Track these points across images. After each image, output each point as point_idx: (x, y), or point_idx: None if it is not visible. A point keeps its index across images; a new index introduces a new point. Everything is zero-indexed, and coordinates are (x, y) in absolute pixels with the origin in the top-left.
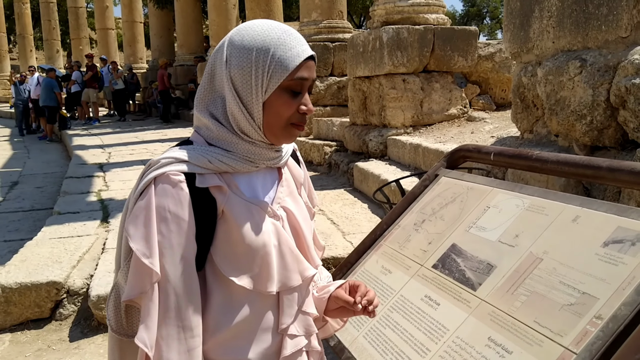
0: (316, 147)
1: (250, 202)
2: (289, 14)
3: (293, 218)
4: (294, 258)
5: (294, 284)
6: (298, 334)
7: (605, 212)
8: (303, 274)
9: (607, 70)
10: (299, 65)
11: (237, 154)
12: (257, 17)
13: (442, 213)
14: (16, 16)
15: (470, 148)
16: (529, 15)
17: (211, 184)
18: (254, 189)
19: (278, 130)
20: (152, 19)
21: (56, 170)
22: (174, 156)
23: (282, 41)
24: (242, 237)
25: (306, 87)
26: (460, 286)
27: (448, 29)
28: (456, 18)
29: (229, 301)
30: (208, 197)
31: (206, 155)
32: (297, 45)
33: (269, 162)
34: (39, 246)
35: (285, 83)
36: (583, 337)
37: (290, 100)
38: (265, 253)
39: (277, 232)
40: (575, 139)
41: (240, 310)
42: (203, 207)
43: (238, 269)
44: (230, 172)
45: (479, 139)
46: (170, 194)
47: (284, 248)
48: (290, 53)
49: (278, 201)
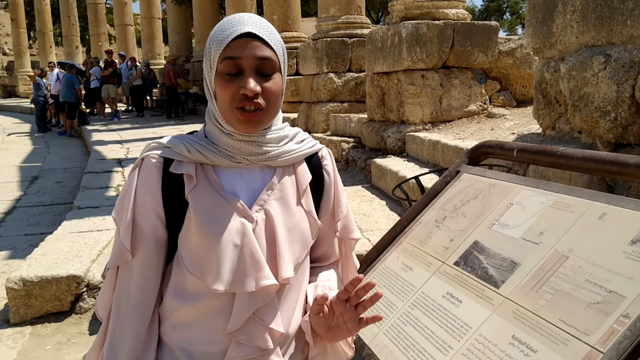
0: (333, 143)
1: (222, 196)
2: (307, 10)
3: (272, 223)
4: (254, 263)
5: (247, 289)
6: (246, 344)
7: (633, 209)
8: (259, 281)
9: (632, 65)
10: (230, 44)
11: (219, 148)
12: (275, 13)
13: (463, 210)
14: (36, 12)
15: (492, 144)
16: (552, 10)
17: (183, 171)
18: (235, 186)
19: (227, 115)
20: (170, 15)
21: (76, 165)
22: (160, 141)
23: (222, 26)
24: (200, 229)
25: (249, 68)
26: (482, 283)
27: (468, 24)
28: (476, 13)
29: (184, 288)
30: (182, 184)
31: (186, 144)
32: (230, 27)
33: (254, 159)
34: (59, 240)
35: (220, 65)
36: (610, 336)
37: (225, 83)
38: (219, 249)
39: (243, 233)
40: (599, 136)
41: (193, 299)
42: (176, 193)
43: (192, 258)
44: (209, 164)
45: (499, 135)
46: (145, 174)
47: (245, 250)
48: (222, 35)
49: (259, 202)
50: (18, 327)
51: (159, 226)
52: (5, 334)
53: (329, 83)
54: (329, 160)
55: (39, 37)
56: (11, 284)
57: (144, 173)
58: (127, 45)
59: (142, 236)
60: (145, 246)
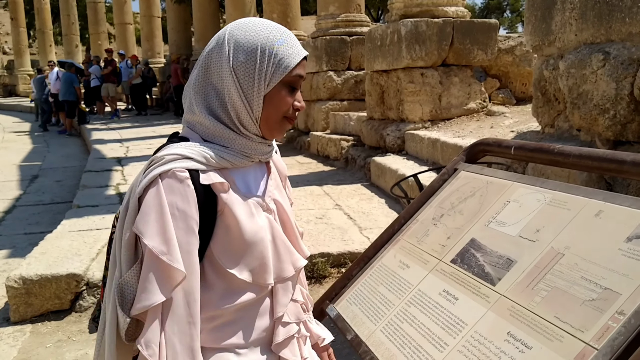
0: (333, 141)
1: (247, 197)
2: (307, 8)
3: (282, 210)
4: (287, 250)
5: (288, 274)
6: (290, 321)
7: (629, 206)
8: (295, 264)
9: (631, 63)
10: (298, 63)
11: (233, 149)
12: (275, 11)
13: (461, 207)
14: (36, 11)
15: (490, 142)
16: (551, 7)
17: (214, 180)
18: (248, 184)
19: (274, 123)
20: (170, 13)
21: (75, 164)
22: (177, 152)
23: (284, 39)
24: (242, 233)
25: (300, 85)
26: (479, 281)
27: (467, 22)
28: (476, 11)
29: (229, 293)
30: (210, 193)
31: (208, 152)
32: (296, 45)
33: (262, 157)
34: (58, 239)
35: (286, 79)
36: (604, 332)
37: (288, 95)
38: (263, 247)
39: (271, 226)
40: (597, 134)
41: (239, 302)
42: (205, 202)
43: (238, 262)
44: (229, 167)
45: (499, 133)
46: (177, 190)
47: (277, 241)
48: (292, 51)
49: (269, 195)
50: (18, 326)
51: (197, 241)
52: (6, 332)
53: (329, 81)
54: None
55: (38, 36)
56: (11, 283)
57: (176, 189)
58: (126, 44)
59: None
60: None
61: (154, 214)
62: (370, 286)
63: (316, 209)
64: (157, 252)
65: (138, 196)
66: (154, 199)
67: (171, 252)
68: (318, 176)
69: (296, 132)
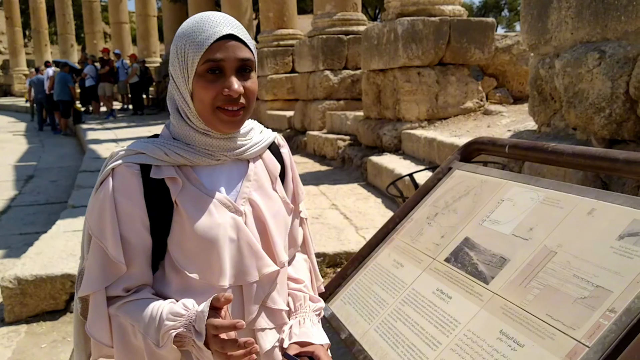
0: (329, 141)
1: (208, 195)
2: (303, 7)
3: (260, 213)
4: (253, 253)
5: (250, 279)
6: (268, 327)
7: (621, 204)
8: (261, 270)
9: (626, 62)
10: (211, 46)
11: (195, 147)
12: (270, 10)
13: (455, 206)
14: (31, 11)
15: (484, 141)
16: (547, 6)
17: (165, 175)
18: (216, 183)
19: (207, 115)
20: (166, 12)
21: (70, 164)
22: (132, 148)
23: (197, 27)
24: (194, 230)
25: (230, 69)
26: (472, 279)
27: (464, 20)
28: (473, 10)
29: (184, 292)
30: (164, 188)
31: (163, 148)
32: (209, 29)
33: (231, 154)
34: (53, 239)
35: (200, 67)
36: (596, 330)
37: (207, 84)
38: (217, 246)
39: (236, 227)
40: (593, 132)
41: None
42: (158, 198)
43: (190, 260)
44: (189, 164)
45: (495, 132)
46: (124, 183)
47: (241, 243)
48: (201, 37)
49: (243, 195)
50: (13, 326)
51: (146, 235)
52: (1, 332)
53: (325, 81)
54: (286, 146)
55: (34, 35)
56: (6, 283)
57: (121, 183)
58: (122, 43)
59: (131, 248)
60: (137, 259)
61: (97, 206)
62: (364, 285)
63: (312, 209)
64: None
65: (95, 190)
66: (104, 193)
67: (110, 243)
68: (314, 176)
69: (293, 131)
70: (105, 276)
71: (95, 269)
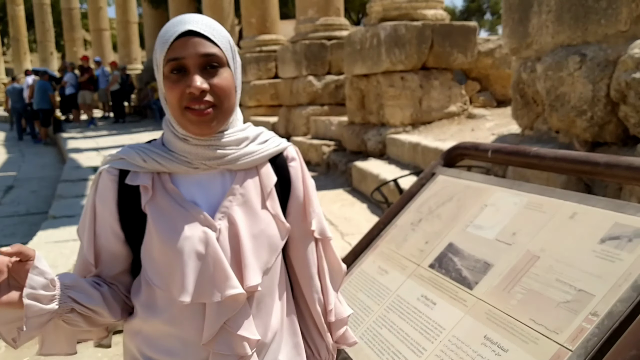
0: (314, 146)
1: (181, 205)
2: (286, 12)
3: (236, 230)
4: (219, 273)
5: (213, 299)
6: (225, 353)
7: (602, 208)
8: (224, 290)
9: (607, 64)
10: (172, 45)
11: (175, 154)
12: (253, 16)
13: (439, 212)
14: (10, 19)
15: (467, 145)
16: (527, 10)
17: (139, 182)
18: (195, 194)
19: (178, 117)
20: (147, 19)
21: (51, 174)
22: (118, 153)
23: (164, 29)
24: (160, 240)
25: (193, 66)
26: (456, 285)
27: (447, 25)
28: (456, 14)
29: (153, 300)
30: (138, 196)
31: (141, 154)
32: (172, 28)
33: (211, 163)
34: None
35: (165, 68)
36: (579, 334)
37: (171, 84)
38: (183, 261)
39: (206, 242)
40: (576, 135)
41: (162, 311)
42: (133, 205)
43: (156, 270)
44: (166, 172)
45: (480, 136)
46: (101, 189)
47: (209, 259)
48: (164, 38)
49: (222, 209)
50: None
51: (115, 242)
52: None
53: (309, 86)
54: (296, 159)
55: (13, 43)
56: None
57: (101, 187)
58: (102, 50)
59: (102, 251)
60: (106, 262)
61: (85, 208)
62: (349, 293)
63: None
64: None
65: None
66: (90, 194)
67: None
68: None
69: None
70: (79, 270)
71: (78, 261)
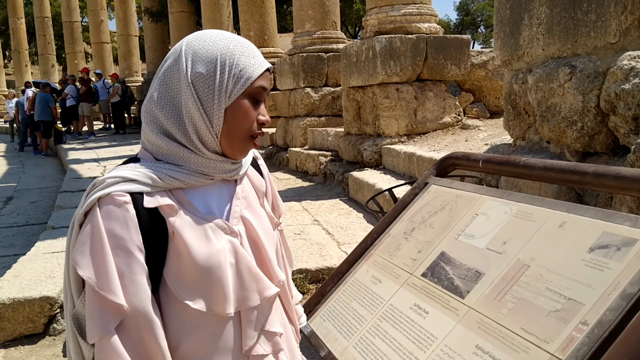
0: (311, 157)
1: (204, 219)
2: (284, 25)
3: (253, 232)
4: (253, 277)
5: (253, 304)
6: (265, 353)
7: (591, 217)
8: (262, 293)
9: (596, 76)
10: (261, 74)
11: (187, 168)
12: (251, 29)
13: (431, 221)
14: (11, 31)
15: (459, 155)
16: (518, 23)
17: (161, 203)
18: (209, 205)
19: (237, 139)
20: (147, 32)
21: (51, 185)
22: (120, 175)
23: (245, 49)
24: (195, 259)
25: (264, 98)
26: (448, 294)
27: (440, 37)
28: (450, 27)
29: (185, 324)
30: (158, 217)
31: (155, 172)
32: (258, 55)
33: (226, 175)
34: (32, 261)
35: (249, 90)
36: (569, 343)
37: (251, 108)
38: (220, 273)
39: (234, 250)
40: (566, 145)
41: (197, 333)
42: (153, 228)
43: (192, 291)
44: (183, 187)
45: (473, 146)
46: (115, 216)
47: (241, 267)
48: (254, 61)
49: (235, 215)
50: None
51: (141, 273)
52: None
53: (306, 98)
54: (261, 158)
55: (14, 56)
56: None
57: (115, 214)
58: (104, 63)
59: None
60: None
61: (89, 243)
62: (343, 302)
63: (295, 225)
64: (93, 284)
65: (79, 223)
66: (91, 226)
67: (106, 284)
68: (297, 192)
69: (275, 148)
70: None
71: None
